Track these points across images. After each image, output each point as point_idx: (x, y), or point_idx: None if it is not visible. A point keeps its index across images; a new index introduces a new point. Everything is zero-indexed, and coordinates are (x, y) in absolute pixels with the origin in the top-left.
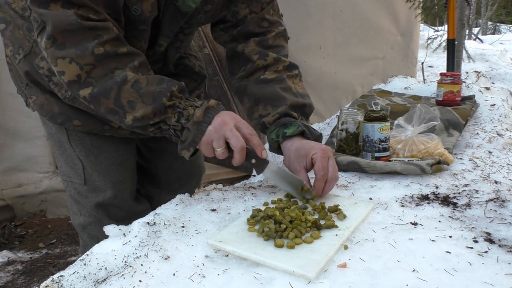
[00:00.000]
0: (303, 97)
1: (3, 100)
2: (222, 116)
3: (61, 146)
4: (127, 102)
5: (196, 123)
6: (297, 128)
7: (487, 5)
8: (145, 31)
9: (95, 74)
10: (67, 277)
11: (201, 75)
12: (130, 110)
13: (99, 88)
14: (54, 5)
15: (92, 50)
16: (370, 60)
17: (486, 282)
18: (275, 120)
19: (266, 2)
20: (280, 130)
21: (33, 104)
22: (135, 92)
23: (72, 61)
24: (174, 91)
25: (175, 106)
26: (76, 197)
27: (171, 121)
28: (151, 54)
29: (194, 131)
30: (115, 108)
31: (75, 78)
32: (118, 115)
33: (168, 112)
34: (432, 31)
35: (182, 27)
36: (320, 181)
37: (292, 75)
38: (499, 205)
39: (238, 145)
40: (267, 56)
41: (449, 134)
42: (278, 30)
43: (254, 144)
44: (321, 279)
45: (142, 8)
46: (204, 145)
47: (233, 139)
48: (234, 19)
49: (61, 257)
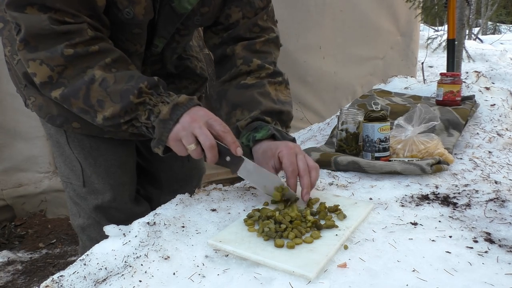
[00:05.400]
0: (282, 104)
1: (3, 100)
2: (192, 113)
3: (60, 147)
4: (96, 101)
5: (162, 121)
6: (267, 132)
7: (487, 5)
8: (139, 34)
9: (66, 75)
10: (67, 277)
11: (202, 77)
12: (100, 109)
13: (69, 88)
14: (30, 8)
15: (61, 52)
16: (370, 60)
17: (486, 282)
18: (247, 124)
19: (260, 8)
20: (250, 135)
21: (31, 105)
22: (103, 91)
23: (43, 63)
24: (142, 88)
25: (145, 103)
26: (75, 198)
27: (141, 119)
28: (149, 55)
29: (160, 129)
30: (85, 107)
31: (46, 79)
32: (89, 114)
33: (139, 109)
34: (432, 31)
35: (178, 28)
36: (291, 178)
37: (274, 82)
38: (499, 205)
39: (206, 143)
40: (251, 62)
41: (449, 134)
42: (268, 37)
43: (228, 142)
44: (321, 279)
45: (135, 12)
46: (173, 142)
47: (202, 137)
48: (226, 22)
49: (61, 257)
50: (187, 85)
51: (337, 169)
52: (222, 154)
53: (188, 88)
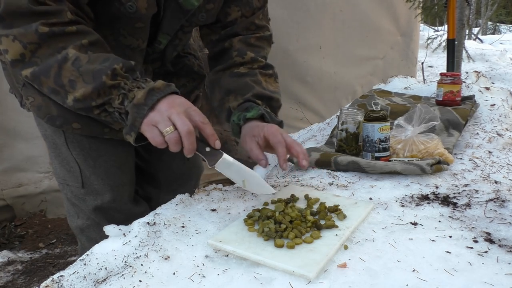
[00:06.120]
0: (272, 92)
1: (3, 100)
2: (170, 100)
3: (56, 149)
4: (68, 81)
5: (136, 105)
6: (257, 112)
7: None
8: (142, 29)
9: (40, 54)
10: (67, 277)
11: (200, 74)
12: (71, 90)
13: (40, 66)
14: None
15: (35, 29)
16: (370, 60)
17: (486, 282)
18: (239, 105)
19: (257, 7)
20: (242, 114)
21: (29, 105)
22: (76, 71)
23: (15, 39)
24: (117, 69)
25: (120, 86)
26: (73, 200)
27: (115, 103)
28: (150, 52)
29: (133, 114)
30: (56, 87)
31: (18, 57)
32: (60, 95)
33: (113, 93)
34: (432, 31)
35: (183, 25)
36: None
37: (265, 73)
38: (499, 205)
39: (184, 128)
40: (245, 54)
41: (449, 134)
42: (263, 34)
43: (207, 134)
44: (321, 279)
45: (137, 5)
46: (147, 127)
47: (179, 122)
48: (224, 20)
49: (61, 257)
50: (185, 83)
51: (337, 169)
52: (200, 145)
53: (187, 86)
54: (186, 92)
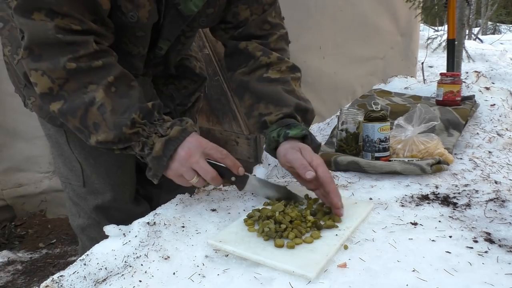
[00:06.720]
0: (306, 102)
1: (3, 100)
2: (186, 147)
3: (59, 148)
4: (92, 123)
5: (155, 158)
6: (301, 131)
7: (487, 5)
8: (143, 37)
9: (68, 88)
10: (67, 277)
11: (202, 76)
12: (95, 132)
13: (68, 105)
14: (37, 14)
15: (63, 65)
16: (370, 60)
17: (486, 282)
18: (278, 120)
19: (267, 4)
20: (282, 130)
21: (31, 105)
22: (100, 116)
23: (44, 74)
24: (135, 119)
25: (139, 133)
26: (74, 199)
27: (135, 149)
28: (152, 57)
29: (154, 166)
30: (81, 127)
31: (47, 90)
32: (84, 134)
33: (133, 139)
34: (432, 31)
35: (184, 30)
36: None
37: (295, 78)
38: (499, 205)
39: (208, 177)
40: (271, 54)
41: (449, 134)
42: (279, 33)
43: (229, 166)
44: (321, 279)
45: (139, 15)
46: (175, 178)
47: (202, 172)
48: (235, 20)
49: (61, 257)
50: (187, 85)
51: (337, 169)
52: (225, 175)
53: (188, 88)
54: (187, 94)
